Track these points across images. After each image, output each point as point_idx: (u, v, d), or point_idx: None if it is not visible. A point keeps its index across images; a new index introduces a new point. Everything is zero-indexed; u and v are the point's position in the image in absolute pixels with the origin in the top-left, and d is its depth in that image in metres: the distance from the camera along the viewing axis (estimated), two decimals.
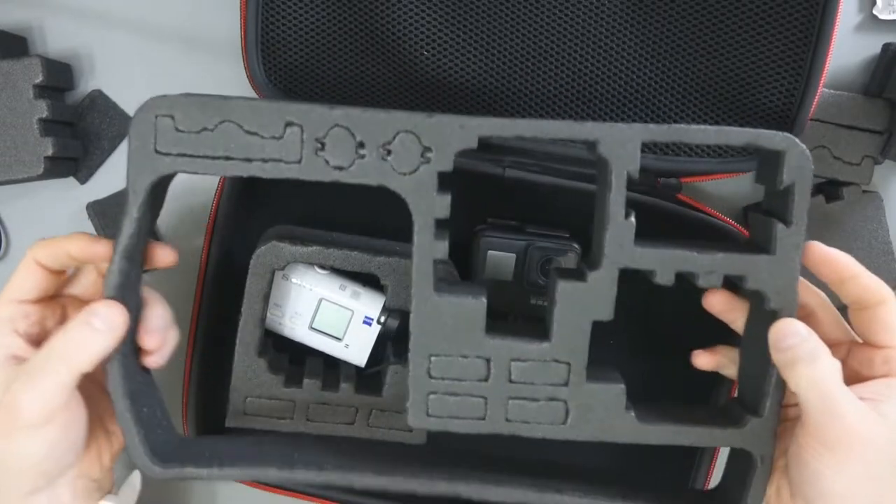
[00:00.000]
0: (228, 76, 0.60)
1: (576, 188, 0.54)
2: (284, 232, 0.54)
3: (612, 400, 0.45)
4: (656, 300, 0.47)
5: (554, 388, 0.45)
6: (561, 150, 0.55)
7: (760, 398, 0.44)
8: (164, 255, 0.46)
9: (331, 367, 0.57)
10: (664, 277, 0.43)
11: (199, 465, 0.45)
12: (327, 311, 0.55)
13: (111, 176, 0.63)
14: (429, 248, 0.43)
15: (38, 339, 0.43)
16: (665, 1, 0.52)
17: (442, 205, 0.42)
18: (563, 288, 0.43)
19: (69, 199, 0.63)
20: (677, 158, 0.55)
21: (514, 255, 0.54)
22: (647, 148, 0.55)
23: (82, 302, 0.46)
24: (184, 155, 0.41)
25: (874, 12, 0.58)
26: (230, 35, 0.56)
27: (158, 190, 0.43)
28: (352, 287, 0.55)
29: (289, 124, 0.41)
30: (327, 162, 0.42)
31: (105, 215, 0.62)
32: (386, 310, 0.55)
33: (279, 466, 0.45)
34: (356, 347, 0.56)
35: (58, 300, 0.46)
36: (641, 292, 0.47)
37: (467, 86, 0.55)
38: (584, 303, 0.43)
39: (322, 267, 0.55)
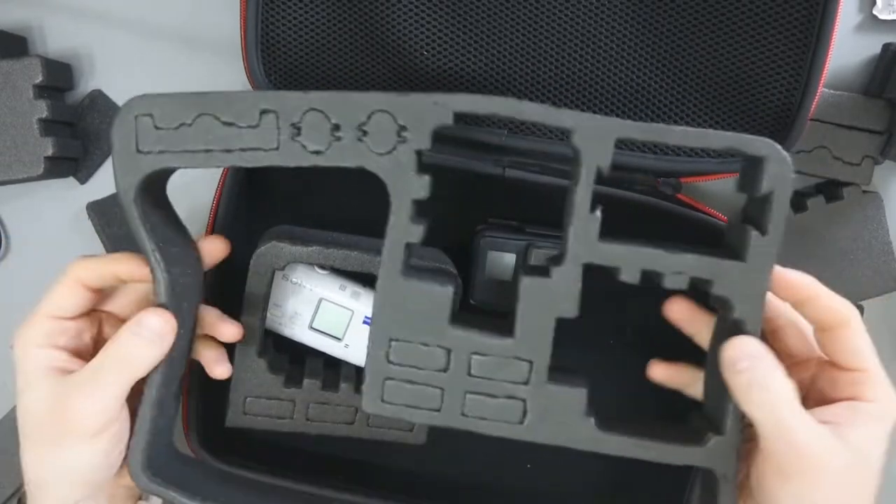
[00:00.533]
0: (228, 76, 0.60)
1: None
2: (284, 232, 0.54)
3: (571, 404, 0.43)
4: (655, 300, 0.47)
5: (513, 386, 0.43)
6: (561, 150, 0.55)
7: (723, 416, 0.42)
8: (214, 248, 0.47)
9: (331, 367, 0.57)
10: (629, 275, 0.42)
11: (183, 491, 0.44)
12: (327, 311, 0.55)
13: (111, 176, 0.61)
14: (403, 229, 0.42)
15: (77, 352, 0.43)
16: (665, 0, 0.52)
17: (420, 185, 0.41)
18: (527, 284, 0.42)
19: (69, 199, 0.63)
20: (677, 158, 0.55)
21: (514, 255, 0.54)
22: (648, 148, 0.55)
23: (119, 318, 0.46)
24: (165, 151, 0.41)
25: (874, 12, 0.58)
26: (230, 35, 0.56)
27: (151, 188, 0.43)
28: (352, 287, 0.55)
29: (264, 112, 0.41)
30: (304, 147, 0.41)
31: (105, 215, 0.62)
32: None
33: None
34: (356, 347, 0.56)
35: (94, 314, 0.45)
36: (641, 292, 0.46)
37: (467, 86, 0.55)
38: (547, 299, 0.42)
39: (322, 267, 0.54)
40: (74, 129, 0.62)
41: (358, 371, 0.57)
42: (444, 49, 0.54)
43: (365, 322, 0.55)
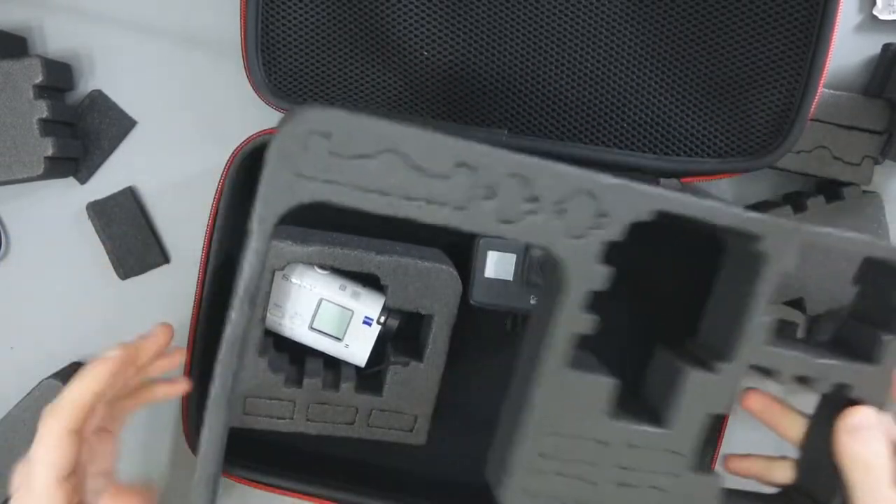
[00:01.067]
0: (229, 76, 0.60)
1: None
2: (284, 232, 0.54)
3: (710, 492, 0.44)
4: (656, 288, 0.48)
5: (657, 477, 0.43)
6: (562, 150, 0.55)
7: (831, 496, 0.44)
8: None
9: (331, 367, 0.57)
10: (783, 380, 0.43)
11: None
12: (327, 311, 0.55)
13: (111, 176, 0.63)
14: (575, 319, 0.39)
15: None
16: (666, 1, 0.52)
17: (600, 276, 0.39)
18: (693, 377, 0.42)
19: (69, 199, 0.63)
20: (678, 159, 0.55)
21: (514, 255, 0.54)
22: (647, 147, 0.55)
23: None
24: (332, 182, 0.35)
25: (874, 12, 0.58)
26: (231, 35, 0.56)
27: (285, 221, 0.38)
28: (352, 287, 0.55)
29: (460, 164, 0.36)
30: (494, 213, 0.37)
31: (105, 215, 0.62)
32: (386, 310, 0.55)
33: None
34: (356, 347, 0.56)
35: None
36: (640, 279, 0.46)
37: (467, 86, 0.55)
38: (709, 395, 0.42)
39: (322, 267, 0.54)
40: (74, 129, 0.62)
41: (358, 371, 0.57)
42: (444, 49, 0.54)
43: (365, 322, 0.55)
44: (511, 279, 0.55)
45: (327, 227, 0.56)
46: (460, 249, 0.56)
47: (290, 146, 0.35)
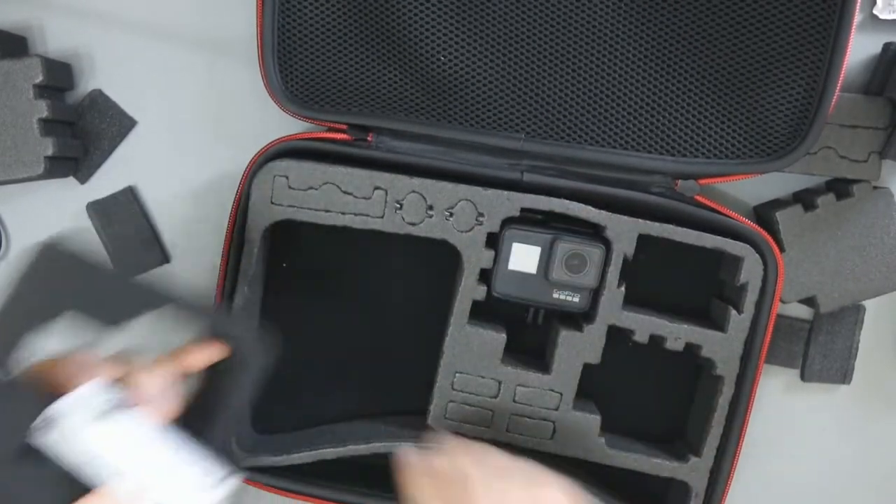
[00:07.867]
0: (228, 75, 0.60)
1: (594, 192, 0.54)
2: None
3: (589, 427, 0.56)
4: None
5: (547, 411, 0.56)
6: (581, 155, 0.55)
7: (701, 443, 0.56)
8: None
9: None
10: (640, 337, 0.55)
11: (273, 454, 0.56)
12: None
13: (111, 176, 0.62)
14: (472, 289, 0.54)
15: None
16: (682, 5, 0.52)
17: (487, 257, 0.54)
18: (564, 335, 0.55)
19: (69, 199, 0.62)
20: (696, 161, 0.55)
21: (539, 248, 0.54)
22: (666, 150, 0.55)
23: None
24: (293, 206, 0.53)
25: (874, 12, 0.59)
26: (230, 34, 0.55)
27: (270, 234, 0.55)
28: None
29: (377, 188, 0.53)
30: (403, 219, 0.53)
31: (105, 215, 0.61)
32: None
33: (333, 445, 0.57)
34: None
35: None
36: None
37: (483, 91, 0.55)
38: (579, 348, 0.55)
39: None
40: (74, 128, 0.61)
41: None
42: (461, 54, 0.54)
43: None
44: (534, 272, 0.54)
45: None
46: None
47: (263, 186, 0.53)
